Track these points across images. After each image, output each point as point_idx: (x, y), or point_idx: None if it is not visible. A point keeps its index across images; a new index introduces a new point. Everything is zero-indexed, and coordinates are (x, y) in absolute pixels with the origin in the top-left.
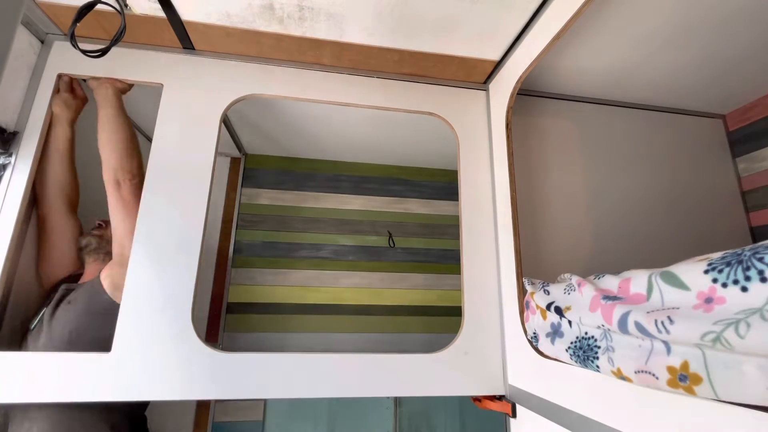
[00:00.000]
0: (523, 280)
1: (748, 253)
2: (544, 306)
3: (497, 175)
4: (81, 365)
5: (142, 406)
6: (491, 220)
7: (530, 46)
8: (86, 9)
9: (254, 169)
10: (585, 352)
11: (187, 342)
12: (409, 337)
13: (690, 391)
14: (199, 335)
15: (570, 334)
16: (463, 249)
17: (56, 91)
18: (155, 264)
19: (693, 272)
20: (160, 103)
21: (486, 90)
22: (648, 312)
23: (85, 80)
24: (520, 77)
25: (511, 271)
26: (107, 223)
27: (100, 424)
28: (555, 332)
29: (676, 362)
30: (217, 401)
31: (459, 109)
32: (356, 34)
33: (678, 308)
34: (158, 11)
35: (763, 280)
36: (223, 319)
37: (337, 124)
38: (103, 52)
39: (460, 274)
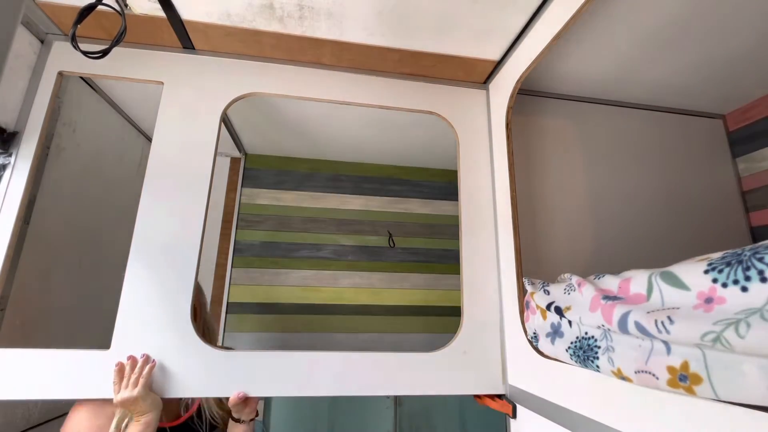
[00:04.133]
0: (523, 280)
1: (748, 253)
2: (544, 306)
3: (497, 174)
4: (81, 363)
5: None
6: (491, 220)
7: (530, 46)
8: (87, 11)
9: (254, 169)
10: (585, 352)
11: (186, 341)
12: (408, 338)
13: (690, 391)
14: (198, 334)
15: (570, 334)
16: (462, 249)
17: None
18: (155, 263)
19: (693, 272)
20: (160, 102)
21: (486, 90)
22: (648, 312)
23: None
24: (520, 77)
25: (511, 271)
26: None
27: None
28: (555, 332)
29: (676, 362)
30: None
31: (459, 108)
32: (356, 33)
33: (678, 308)
34: (158, 11)
35: (763, 280)
36: (223, 319)
37: (337, 124)
38: (104, 54)
39: (459, 274)
